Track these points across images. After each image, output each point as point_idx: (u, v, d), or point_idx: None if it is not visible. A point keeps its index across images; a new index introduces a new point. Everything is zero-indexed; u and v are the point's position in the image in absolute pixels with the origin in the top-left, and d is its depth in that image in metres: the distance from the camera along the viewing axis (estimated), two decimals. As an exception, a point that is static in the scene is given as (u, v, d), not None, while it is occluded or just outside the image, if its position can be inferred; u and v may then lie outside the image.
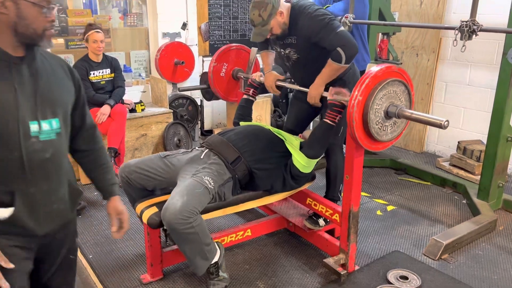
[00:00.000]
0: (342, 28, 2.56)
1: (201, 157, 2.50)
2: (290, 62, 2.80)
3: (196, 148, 2.64)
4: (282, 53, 2.78)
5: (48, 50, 1.53)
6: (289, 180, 2.58)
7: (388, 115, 2.21)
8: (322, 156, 3.71)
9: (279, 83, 2.99)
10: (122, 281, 2.53)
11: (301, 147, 2.59)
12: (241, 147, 2.53)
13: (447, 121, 2.01)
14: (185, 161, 2.50)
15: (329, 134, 2.53)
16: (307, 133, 2.78)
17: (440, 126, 2.03)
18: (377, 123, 2.18)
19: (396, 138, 2.35)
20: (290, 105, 3.17)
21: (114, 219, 1.66)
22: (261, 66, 4.99)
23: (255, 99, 3.13)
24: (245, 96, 3.08)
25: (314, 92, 2.65)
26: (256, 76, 3.06)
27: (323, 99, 2.66)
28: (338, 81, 2.66)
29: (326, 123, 2.48)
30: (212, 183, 2.32)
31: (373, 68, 2.16)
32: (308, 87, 2.72)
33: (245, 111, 3.05)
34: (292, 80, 3.08)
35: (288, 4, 2.65)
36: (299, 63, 2.75)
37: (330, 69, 2.58)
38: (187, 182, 2.28)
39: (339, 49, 2.49)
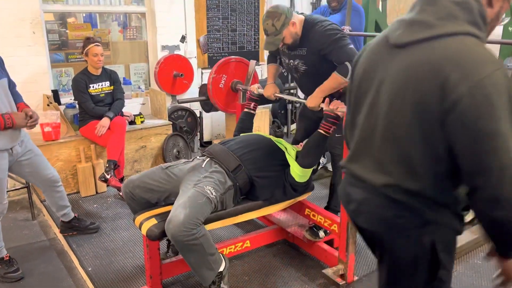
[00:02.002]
0: (352, 45, 2.62)
1: (203, 166, 2.53)
2: (298, 74, 2.85)
3: (197, 157, 2.67)
4: (291, 64, 2.83)
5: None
6: (289, 188, 2.60)
7: None
8: (321, 166, 3.73)
9: (278, 95, 3.03)
10: (121, 293, 2.53)
11: (297, 157, 2.62)
12: (241, 156, 2.55)
13: None
14: (187, 170, 2.53)
15: (323, 144, 2.55)
16: None
17: None
18: None
19: None
20: (299, 120, 3.25)
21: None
22: (260, 78, 5.03)
23: (255, 113, 3.17)
24: (246, 110, 3.12)
25: (312, 104, 2.69)
26: (254, 88, 3.10)
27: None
28: (344, 95, 2.66)
29: (320, 133, 2.51)
30: (213, 193, 2.34)
31: None
32: None
33: (245, 124, 3.09)
34: (291, 92, 3.12)
35: (302, 17, 2.72)
36: (307, 75, 2.80)
37: (333, 82, 2.61)
38: (190, 193, 2.30)
39: (347, 63, 2.54)
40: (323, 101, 2.63)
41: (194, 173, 2.49)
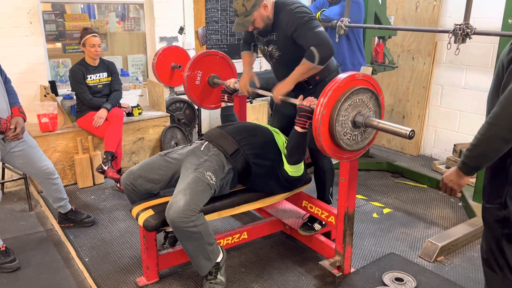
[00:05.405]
0: (321, 28, 2.50)
1: (201, 149, 2.52)
2: (273, 60, 2.78)
3: (196, 141, 2.67)
4: (266, 50, 2.77)
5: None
6: (284, 181, 2.58)
7: (355, 125, 2.16)
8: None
9: (251, 89, 2.93)
10: (118, 284, 2.53)
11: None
12: (240, 140, 2.54)
13: (413, 131, 1.99)
14: (186, 154, 2.53)
15: (304, 140, 2.43)
16: None
17: (405, 136, 2.01)
18: (345, 134, 2.13)
19: (369, 144, 2.29)
20: (273, 114, 3.15)
21: None
22: (258, 70, 4.99)
23: (232, 104, 3.11)
24: (223, 104, 3.07)
25: (280, 89, 2.60)
26: (231, 83, 3.04)
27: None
28: (320, 83, 2.60)
29: (296, 131, 2.39)
30: (213, 178, 2.35)
31: (338, 77, 2.11)
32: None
33: (230, 119, 3.02)
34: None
35: (273, 0, 2.63)
36: (281, 61, 2.73)
37: (303, 68, 2.52)
38: (190, 179, 2.31)
39: (312, 48, 2.44)
40: (296, 97, 2.51)
41: (193, 156, 2.48)
